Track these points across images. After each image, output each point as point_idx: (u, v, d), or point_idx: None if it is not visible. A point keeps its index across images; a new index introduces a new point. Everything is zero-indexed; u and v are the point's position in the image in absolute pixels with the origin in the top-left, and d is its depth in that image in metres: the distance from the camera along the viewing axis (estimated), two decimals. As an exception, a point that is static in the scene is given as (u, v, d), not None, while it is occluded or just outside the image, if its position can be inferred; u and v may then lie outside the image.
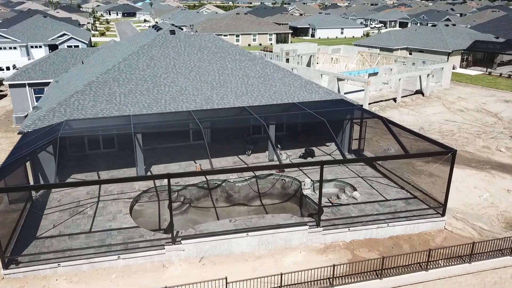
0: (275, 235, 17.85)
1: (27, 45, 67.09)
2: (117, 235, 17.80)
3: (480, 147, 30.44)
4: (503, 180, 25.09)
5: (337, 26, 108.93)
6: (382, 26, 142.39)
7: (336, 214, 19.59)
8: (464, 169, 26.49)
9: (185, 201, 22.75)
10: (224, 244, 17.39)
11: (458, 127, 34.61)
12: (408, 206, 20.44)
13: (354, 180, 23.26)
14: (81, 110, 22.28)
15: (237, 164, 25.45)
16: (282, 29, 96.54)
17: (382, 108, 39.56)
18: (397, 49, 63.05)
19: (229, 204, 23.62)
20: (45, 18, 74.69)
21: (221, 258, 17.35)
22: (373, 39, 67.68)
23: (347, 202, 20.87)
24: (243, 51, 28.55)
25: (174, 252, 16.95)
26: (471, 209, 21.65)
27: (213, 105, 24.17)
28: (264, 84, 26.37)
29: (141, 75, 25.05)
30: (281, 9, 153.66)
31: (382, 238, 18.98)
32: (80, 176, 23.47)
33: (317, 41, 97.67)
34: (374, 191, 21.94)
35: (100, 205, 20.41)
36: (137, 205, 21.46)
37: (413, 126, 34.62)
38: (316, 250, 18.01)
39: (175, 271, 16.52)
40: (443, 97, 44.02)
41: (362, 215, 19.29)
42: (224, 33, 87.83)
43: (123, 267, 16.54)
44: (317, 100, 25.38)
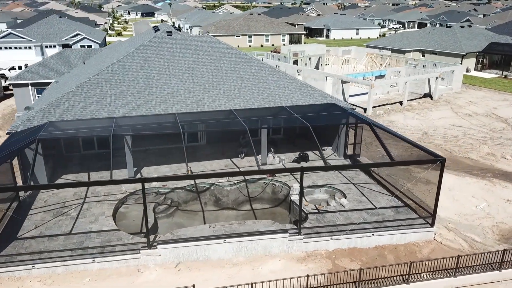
0: (254, 242, 17.48)
1: (42, 45, 68.39)
2: (95, 237, 17.75)
3: (484, 154, 29.35)
4: (504, 189, 24.07)
5: (352, 27, 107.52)
6: (400, 27, 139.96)
7: (320, 222, 19.09)
8: (464, 177, 25.55)
9: (172, 204, 22.62)
10: (201, 250, 17.12)
11: (464, 132, 33.49)
12: (397, 215, 19.77)
13: (345, 186, 22.68)
14: (71, 111, 22.37)
15: (228, 167, 25.19)
16: (295, 30, 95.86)
17: (387, 112, 38.66)
18: (409, 51, 61.71)
19: (218, 208, 23.37)
20: (60, 19, 75.96)
21: (198, 264, 17.09)
22: (386, 41, 66.43)
23: (334, 209, 20.34)
24: (239, 53, 28.26)
25: (150, 256, 16.78)
26: (465, 220, 20.81)
27: (203, 107, 23.95)
28: (258, 87, 26.00)
29: (133, 77, 25.03)
30: (297, 10, 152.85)
31: (366, 247, 18.38)
32: (70, 176, 23.60)
33: (332, 42, 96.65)
34: (364, 199, 21.33)
35: (85, 206, 20.43)
36: (123, 207, 21.41)
37: (416, 131, 33.73)
38: (296, 259, 17.56)
39: (150, 276, 16.34)
40: (452, 101, 42.75)
41: (347, 224, 18.73)
42: (236, 33, 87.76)
43: (98, 271, 16.45)
44: (307, 104, 24.88)
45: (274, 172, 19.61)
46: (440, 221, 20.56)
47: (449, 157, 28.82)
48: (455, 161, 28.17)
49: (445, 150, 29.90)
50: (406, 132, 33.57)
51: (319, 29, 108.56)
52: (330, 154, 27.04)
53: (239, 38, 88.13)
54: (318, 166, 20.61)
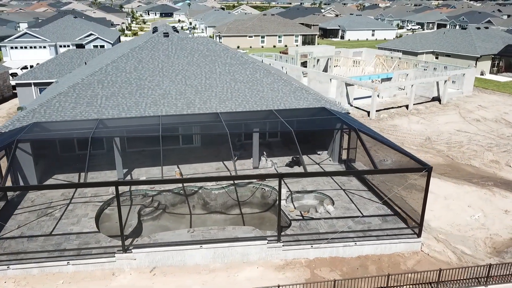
0: (231, 249, 17.15)
1: (56, 45, 69.68)
2: (74, 239, 17.75)
3: (488, 161, 28.27)
4: (503, 199, 23.08)
5: (368, 27, 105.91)
6: (419, 28, 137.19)
7: (303, 229, 18.63)
8: (463, 185, 24.63)
9: (159, 207, 22.50)
10: (178, 255, 16.91)
11: (469, 138, 32.38)
12: (383, 223, 19.14)
13: (334, 193, 22.14)
14: (61, 112, 22.49)
15: (220, 170, 24.94)
16: (308, 31, 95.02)
17: (391, 116, 37.75)
18: (422, 53, 60.28)
19: (206, 212, 23.14)
20: (75, 19, 77.23)
21: (173, 269, 16.87)
22: (398, 42, 65.07)
23: (320, 216, 19.83)
24: (235, 55, 27.96)
25: (125, 260, 16.65)
26: (457, 230, 19.99)
27: (194, 109, 23.76)
28: (251, 89, 25.66)
29: (126, 78, 25.03)
30: (314, 10, 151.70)
31: (349, 257, 17.84)
32: (61, 177, 23.76)
33: (346, 43, 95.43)
34: (352, 206, 20.75)
35: (70, 207, 20.50)
36: (109, 208, 21.40)
37: (419, 136, 32.81)
38: (275, 267, 17.16)
39: (123, 280, 16.21)
40: (461, 105, 41.46)
41: (330, 232, 18.21)
42: (249, 34, 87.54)
43: (73, 273, 16.42)
44: (297, 108, 24.40)
45: (252, 178, 19.22)
46: (430, 231, 19.84)
47: (450, 164, 27.89)
48: (456, 168, 27.22)
49: (447, 157, 28.94)
50: (408, 137, 32.69)
51: (334, 30, 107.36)
52: (325, 159, 26.51)
53: (251, 39, 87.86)
54: (296, 173, 20.19)
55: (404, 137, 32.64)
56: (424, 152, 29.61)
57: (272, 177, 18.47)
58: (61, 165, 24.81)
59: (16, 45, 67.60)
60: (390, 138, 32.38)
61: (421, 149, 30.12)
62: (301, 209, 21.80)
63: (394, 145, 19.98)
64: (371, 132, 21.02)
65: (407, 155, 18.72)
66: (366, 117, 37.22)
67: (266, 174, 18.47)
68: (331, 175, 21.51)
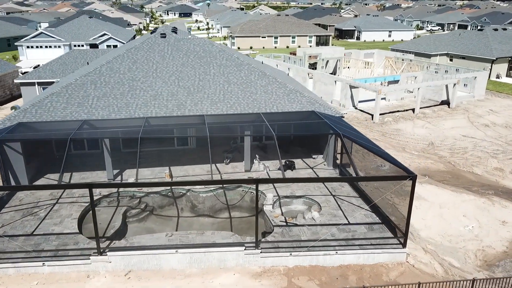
0: (208, 254, 16.86)
1: (70, 44, 70.89)
2: (54, 240, 17.77)
3: (491, 168, 27.17)
4: (502, 209, 22.09)
5: (384, 28, 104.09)
6: (439, 29, 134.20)
7: (285, 236, 18.19)
8: (461, 193, 23.70)
9: (146, 209, 22.40)
10: (153, 259, 16.72)
11: (474, 144, 31.24)
12: (369, 232, 18.51)
13: (323, 198, 21.59)
14: (52, 112, 22.65)
15: (209, 173, 24.68)
16: (322, 31, 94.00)
17: (396, 119, 36.79)
18: (435, 55, 58.73)
19: (194, 215, 22.93)
20: (90, 19, 78.42)
21: (148, 274, 16.70)
22: (412, 44, 63.59)
23: (304, 222, 19.34)
24: (231, 57, 27.68)
25: (101, 263, 16.56)
26: (448, 241, 19.19)
27: (184, 111, 23.59)
28: (244, 92, 25.33)
29: (119, 79, 25.06)
30: (331, 11, 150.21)
31: (330, 266, 17.31)
32: (53, 176, 23.93)
33: (362, 44, 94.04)
34: (339, 213, 20.18)
35: (56, 207, 20.58)
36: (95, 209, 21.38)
37: (422, 141, 31.85)
38: (252, 274, 16.79)
39: (97, 283, 16.12)
40: (471, 109, 40.12)
41: (311, 240, 17.72)
42: (262, 34, 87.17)
43: (49, 274, 16.42)
44: (286, 112, 23.93)
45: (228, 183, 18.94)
46: (419, 241, 19.11)
47: (450, 170, 26.93)
48: (456, 175, 26.25)
49: (448, 163, 27.96)
50: (411, 142, 31.77)
51: (350, 30, 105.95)
52: (320, 163, 25.96)
53: (264, 39, 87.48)
54: (273, 178, 19.76)
55: (406, 142, 31.74)
56: (425, 158, 28.71)
57: (248, 182, 18.07)
58: (54, 165, 25.00)
59: (32, 45, 69.08)
60: (392, 143, 31.59)
61: (422, 155, 29.21)
62: (290, 214, 21.35)
63: (379, 151, 19.25)
64: (358, 138, 20.35)
65: (392, 162, 17.99)
66: (370, 120, 36.40)
67: (241, 180, 18.09)
68: (307, 181, 21.04)
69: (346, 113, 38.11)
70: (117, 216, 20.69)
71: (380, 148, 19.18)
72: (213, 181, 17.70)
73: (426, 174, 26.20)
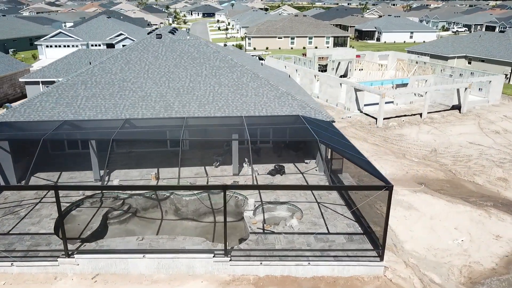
0: (176, 260, 16.52)
1: (88, 44, 72.25)
2: (28, 240, 17.82)
3: (495, 178, 25.78)
4: (499, 222, 20.84)
5: (406, 29, 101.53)
6: (466, 30, 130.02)
7: (259, 243, 17.66)
8: (457, 204, 22.53)
9: (129, 210, 22.28)
10: (121, 263, 16.50)
11: (480, 152, 29.77)
12: (347, 243, 17.74)
13: (308, 205, 20.91)
14: (40, 111, 22.84)
15: (198, 175, 24.39)
16: (340, 32, 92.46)
17: (401, 124, 35.55)
18: (453, 58, 56.67)
19: (177, 218, 22.66)
20: (108, 19, 79.75)
21: (116, 278, 16.49)
22: (429, 46, 61.58)
23: (283, 230, 18.74)
24: (225, 58, 27.29)
25: (68, 265, 16.46)
26: (433, 255, 18.19)
27: (171, 113, 23.36)
28: (235, 94, 24.90)
29: (110, 79, 25.08)
30: (354, 11, 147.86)
31: (302, 277, 16.66)
32: (43, 175, 24.16)
33: (382, 46, 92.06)
34: (321, 221, 19.47)
35: (38, 206, 20.70)
36: (77, 210, 21.41)
37: (425, 147, 30.62)
38: (220, 282, 16.34)
39: (63, 286, 16.03)
40: (484, 114, 38.37)
41: (285, 249, 17.12)
42: (278, 35, 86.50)
43: (17, 275, 16.45)
44: (270, 115, 23.34)
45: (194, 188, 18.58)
46: (401, 254, 18.21)
47: (450, 179, 25.70)
48: (456, 184, 25.02)
49: (449, 171, 26.71)
50: (413, 148, 30.58)
51: (370, 31, 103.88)
52: (311, 168, 25.25)
53: (281, 40, 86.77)
54: (241, 185, 19.31)
55: (408, 148, 30.57)
56: (425, 165, 27.52)
57: (216, 188, 17.64)
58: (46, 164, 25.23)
59: (50, 44, 70.78)
60: (393, 148, 30.50)
61: (422, 162, 28.03)
62: (272, 221, 20.84)
63: (358, 159, 18.39)
64: (341, 145, 19.55)
65: (369, 171, 17.15)
66: (374, 125, 35.31)
67: (209, 186, 17.67)
68: (278, 188, 20.54)
69: (350, 117, 37.18)
70: (96, 218, 20.63)
71: (362, 157, 18.34)
72: (181, 187, 17.32)
73: (423, 182, 25.10)
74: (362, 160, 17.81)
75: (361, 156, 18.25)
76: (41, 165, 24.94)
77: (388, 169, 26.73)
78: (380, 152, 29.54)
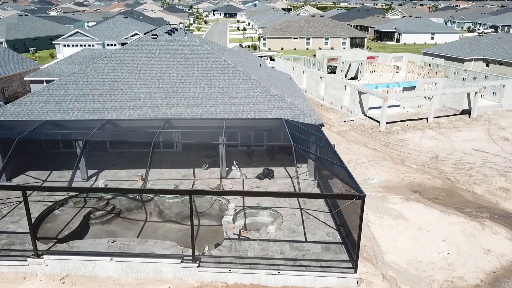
0: (144, 264, 16.29)
1: (104, 43, 73.41)
2: (3, 239, 17.94)
3: (495, 188, 24.51)
4: (492, 235, 19.73)
5: (427, 30, 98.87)
6: (492, 31, 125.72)
7: (231, 250, 17.23)
8: (450, 214, 21.49)
9: (113, 211, 22.23)
10: (89, 265, 16.39)
11: (485, 159, 28.41)
12: (323, 253, 17.10)
13: (290, 212, 20.34)
14: (29, 111, 23.08)
15: (186, 177, 24.17)
16: (357, 33, 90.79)
17: (405, 129, 34.38)
18: (469, 60, 54.66)
19: (160, 220, 22.47)
20: (125, 19, 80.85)
21: (84, 280, 16.39)
22: (445, 47, 59.59)
23: (259, 236, 18.25)
24: (218, 59, 26.97)
25: (38, 266, 16.47)
26: (414, 269, 17.33)
27: (158, 114, 23.21)
28: (224, 95, 24.54)
29: (101, 79, 25.15)
30: (375, 12, 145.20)
31: (273, 286, 16.15)
32: (34, 173, 24.43)
33: (400, 47, 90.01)
34: (300, 229, 18.88)
35: (21, 205, 20.87)
36: (60, 209, 21.50)
37: (426, 153, 29.48)
38: (187, 288, 16.02)
39: (31, 286, 16.04)
40: (495, 120, 36.72)
41: (257, 257, 16.62)
42: (294, 36, 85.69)
43: (-12, 273, 16.57)
44: (251, 119, 22.84)
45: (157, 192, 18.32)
46: (380, 266, 17.43)
47: (447, 188, 24.60)
48: (452, 193, 23.91)
49: (448, 179, 25.56)
50: (413, 154, 29.48)
51: (390, 32, 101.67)
52: (302, 173, 24.62)
53: (296, 41, 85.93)
54: (207, 190, 18.91)
55: (408, 154, 29.49)
56: (423, 172, 26.46)
57: (182, 193, 17.28)
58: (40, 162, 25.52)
59: (68, 43, 72.33)
60: (392, 154, 29.50)
61: (421, 169, 26.96)
62: (254, 226, 20.42)
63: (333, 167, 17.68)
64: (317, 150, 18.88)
65: (343, 179, 16.45)
66: (377, 129, 34.28)
67: (175, 190, 17.37)
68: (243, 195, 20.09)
69: (352, 120, 36.27)
70: (77, 218, 20.66)
71: (342, 164, 17.61)
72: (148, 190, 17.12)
73: (417, 190, 24.10)
74: (340, 167, 17.11)
75: (340, 163, 17.55)
76: (36, 163, 25.29)
77: (382, 176, 25.83)
78: (377, 158, 28.61)
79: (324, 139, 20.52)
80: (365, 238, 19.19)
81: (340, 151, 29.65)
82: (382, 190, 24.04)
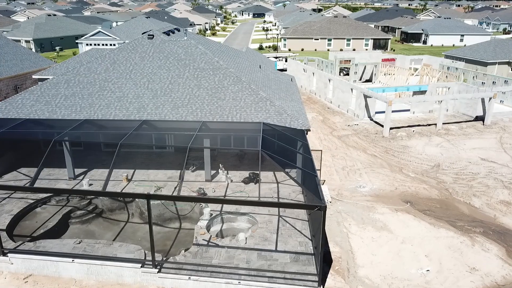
0: (105, 267, 16.11)
1: (125, 42, 74.57)
2: (-22, 235, 18.22)
3: (496, 201, 22.96)
4: (481, 252, 18.41)
5: (455, 32, 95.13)
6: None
7: (196, 256, 16.80)
8: (440, 228, 20.24)
9: (95, 211, 22.27)
10: (52, 266, 16.37)
11: (490, 170, 26.73)
12: (290, 263, 16.39)
13: (267, 218, 19.72)
14: (19, 109, 23.48)
15: (171, 179, 23.95)
16: (381, 34, 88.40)
17: (410, 135, 32.91)
18: (493, 63, 51.97)
19: (141, 222, 22.33)
20: (147, 19, 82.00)
21: (46, 280, 16.39)
22: (468, 50, 56.94)
23: (229, 244, 17.74)
24: (210, 60, 26.60)
25: (3, 264, 16.60)
26: (387, 285, 16.34)
27: (143, 114, 23.10)
28: (212, 97, 24.15)
29: (93, 79, 25.31)
30: (404, 12, 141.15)
31: (234, 297, 15.59)
32: (25, 170, 24.87)
33: (426, 49, 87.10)
34: (273, 237, 18.22)
35: (4, 201, 21.23)
36: (42, 207, 21.71)
37: (428, 162, 28.07)
38: (146, 294, 15.72)
39: (-5, 283, 16.18)
40: (510, 128, 34.60)
41: (219, 265, 16.12)
42: (315, 36, 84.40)
43: (-43, 269, 16.84)
44: (230, 122, 22.28)
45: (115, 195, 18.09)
46: (351, 280, 16.54)
47: (443, 199, 23.25)
48: (447, 205, 22.57)
49: (445, 190, 24.17)
50: (414, 161, 28.12)
51: (417, 34, 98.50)
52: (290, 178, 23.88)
53: (317, 42, 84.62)
54: (164, 195, 18.48)
55: (408, 161, 28.15)
56: (420, 181, 25.15)
57: (139, 197, 16.97)
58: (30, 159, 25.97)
59: (90, 42, 74.03)
60: (391, 161, 28.26)
61: (418, 178, 25.64)
62: (231, 232, 19.96)
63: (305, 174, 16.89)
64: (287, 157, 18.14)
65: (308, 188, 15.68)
66: (380, 134, 32.99)
67: (131, 194, 17.07)
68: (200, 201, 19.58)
69: (357, 124, 35.12)
70: (55, 216, 20.79)
71: (313, 172, 16.83)
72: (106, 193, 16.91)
73: (410, 200, 22.90)
74: (310, 175, 16.36)
75: (312, 171, 16.79)
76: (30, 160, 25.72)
77: (376, 184, 24.73)
78: (375, 165, 27.45)
79: (305, 145, 19.75)
80: (341, 249, 18.33)
81: (336, 157, 28.74)
82: (372, 199, 22.99)
